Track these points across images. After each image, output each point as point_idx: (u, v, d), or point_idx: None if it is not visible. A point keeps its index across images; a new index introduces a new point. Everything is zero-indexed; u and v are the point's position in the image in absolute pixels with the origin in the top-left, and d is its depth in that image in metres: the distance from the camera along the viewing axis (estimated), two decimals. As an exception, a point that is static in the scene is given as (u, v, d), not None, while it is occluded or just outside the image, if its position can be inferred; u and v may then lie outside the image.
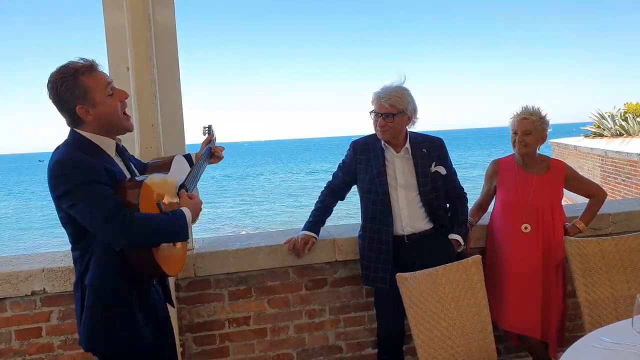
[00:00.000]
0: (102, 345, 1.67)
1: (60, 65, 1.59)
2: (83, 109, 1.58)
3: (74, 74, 1.56)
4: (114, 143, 1.71)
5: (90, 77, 1.58)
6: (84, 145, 1.60)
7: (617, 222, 2.86)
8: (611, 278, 2.23)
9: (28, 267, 2.32)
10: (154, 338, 1.75)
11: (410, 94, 2.35)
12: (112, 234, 1.51)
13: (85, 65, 1.58)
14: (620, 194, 8.68)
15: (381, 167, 2.36)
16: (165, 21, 2.42)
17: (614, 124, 13.45)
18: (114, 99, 1.63)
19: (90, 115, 1.59)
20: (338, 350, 2.69)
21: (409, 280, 1.93)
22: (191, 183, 1.93)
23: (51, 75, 1.58)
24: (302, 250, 2.48)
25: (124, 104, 1.67)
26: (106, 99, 1.60)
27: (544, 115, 2.50)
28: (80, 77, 1.56)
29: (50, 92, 1.59)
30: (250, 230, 18.12)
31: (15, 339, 2.32)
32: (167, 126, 2.41)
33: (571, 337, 2.88)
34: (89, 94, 1.57)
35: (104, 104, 1.60)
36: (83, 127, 1.62)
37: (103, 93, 1.60)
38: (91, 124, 1.61)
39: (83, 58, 1.61)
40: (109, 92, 1.61)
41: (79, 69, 1.57)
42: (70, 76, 1.56)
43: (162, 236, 1.62)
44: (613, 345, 1.57)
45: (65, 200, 1.53)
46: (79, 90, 1.56)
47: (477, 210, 2.73)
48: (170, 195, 1.79)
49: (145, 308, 1.73)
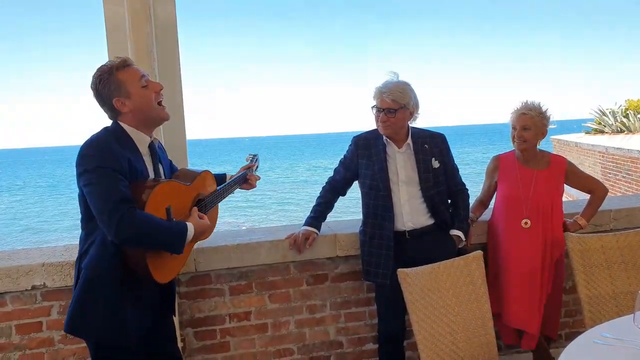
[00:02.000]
0: (80, 329, 1.71)
1: (99, 66, 1.74)
2: (119, 101, 1.70)
3: (109, 70, 1.70)
4: (149, 140, 1.78)
5: (124, 72, 1.71)
6: (119, 135, 1.71)
7: (618, 219, 2.85)
8: (612, 274, 2.23)
9: (28, 261, 2.31)
10: (149, 335, 1.77)
11: (412, 89, 2.34)
12: (108, 225, 1.55)
13: (119, 62, 1.72)
14: (621, 190, 8.68)
15: (383, 163, 2.36)
16: (166, 14, 2.41)
17: (615, 120, 13.44)
18: (148, 90, 1.73)
19: (126, 107, 1.71)
20: (339, 345, 2.70)
21: (410, 275, 1.93)
22: (212, 201, 1.95)
23: (92, 76, 1.73)
24: (303, 246, 2.48)
25: (158, 94, 1.77)
26: (140, 90, 1.72)
27: (544, 110, 2.49)
28: (115, 73, 1.70)
29: (93, 91, 1.73)
30: (251, 225, 18.14)
31: (15, 334, 2.32)
32: (168, 121, 2.40)
33: (571, 332, 2.89)
34: (124, 86, 1.70)
35: (138, 95, 1.71)
36: (122, 118, 1.74)
37: (137, 85, 1.71)
38: (128, 114, 1.72)
39: (118, 57, 1.76)
40: (143, 84, 1.73)
41: (114, 66, 1.70)
42: (106, 73, 1.70)
43: (154, 241, 1.62)
44: (614, 341, 1.57)
45: (82, 178, 1.62)
46: (114, 85, 1.69)
47: (478, 206, 2.73)
48: (184, 206, 1.79)
49: (138, 303, 1.73)
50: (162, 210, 1.65)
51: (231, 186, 2.11)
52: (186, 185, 1.84)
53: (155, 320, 1.85)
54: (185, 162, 2.49)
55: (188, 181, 1.87)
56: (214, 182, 2.05)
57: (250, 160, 2.33)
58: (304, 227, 2.51)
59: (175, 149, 2.44)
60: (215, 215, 2.06)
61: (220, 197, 2.03)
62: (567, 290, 2.83)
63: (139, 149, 1.74)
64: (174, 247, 1.65)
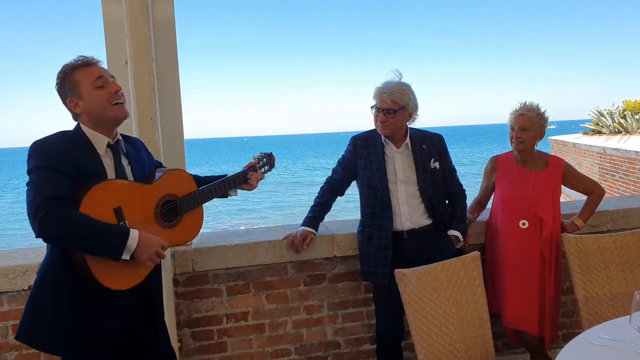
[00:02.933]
0: (28, 337, 1.65)
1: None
2: (72, 101, 1.68)
3: (66, 70, 1.68)
4: (106, 140, 1.70)
5: (80, 72, 1.67)
6: (76, 137, 1.67)
7: (615, 219, 2.86)
8: (609, 275, 2.23)
9: (25, 261, 2.31)
10: (121, 340, 1.70)
11: (411, 90, 2.34)
12: (33, 220, 1.49)
13: (78, 62, 1.68)
14: (618, 191, 8.71)
15: (381, 163, 2.36)
16: (165, 14, 2.41)
17: (612, 121, 13.48)
18: (102, 91, 1.67)
19: (79, 108, 1.68)
20: (336, 345, 2.69)
21: (407, 276, 1.93)
22: (187, 203, 1.80)
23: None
24: (300, 246, 2.48)
25: (114, 95, 1.69)
26: (92, 91, 1.67)
27: (542, 111, 2.50)
28: (72, 73, 1.67)
29: (56, 90, 1.70)
30: (248, 225, 18.13)
31: (12, 334, 2.31)
32: (166, 120, 2.40)
33: (568, 333, 2.90)
34: (77, 87, 1.66)
35: (90, 96, 1.67)
36: (80, 119, 1.70)
37: (90, 86, 1.67)
38: (83, 115, 1.69)
39: (82, 56, 1.71)
40: (98, 84, 1.67)
41: (72, 66, 1.68)
42: (64, 72, 1.68)
43: (82, 242, 1.51)
44: (611, 342, 1.58)
45: (28, 179, 1.58)
46: (69, 85, 1.67)
47: (476, 206, 2.73)
48: (144, 207, 1.68)
49: (99, 310, 1.63)
50: (106, 211, 1.56)
51: (219, 187, 1.93)
52: (145, 185, 1.73)
53: (135, 327, 1.77)
54: (183, 161, 2.48)
55: (148, 181, 1.76)
56: (191, 182, 1.88)
57: (258, 159, 2.14)
58: (301, 227, 2.51)
59: (173, 148, 2.44)
60: (197, 219, 1.88)
61: (201, 199, 1.86)
62: (564, 291, 2.84)
63: (96, 150, 1.67)
64: (107, 252, 1.53)
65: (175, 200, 1.80)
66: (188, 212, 1.83)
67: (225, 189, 1.98)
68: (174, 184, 1.81)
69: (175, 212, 1.80)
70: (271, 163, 2.20)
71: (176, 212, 1.80)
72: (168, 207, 1.78)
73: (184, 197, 1.82)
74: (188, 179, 1.89)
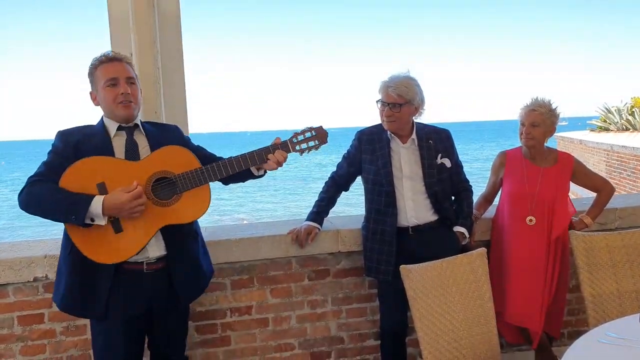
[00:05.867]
0: (59, 302, 1.88)
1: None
2: (92, 94, 1.89)
3: (94, 64, 1.85)
4: (116, 125, 1.86)
5: (102, 68, 1.83)
6: (97, 124, 1.89)
7: (623, 217, 2.83)
8: (617, 273, 2.21)
9: (30, 253, 2.31)
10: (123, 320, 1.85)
11: (418, 84, 2.32)
12: (19, 194, 1.75)
13: (102, 58, 1.85)
14: (626, 188, 8.63)
15: (387, 158, 2.34)
16: (169, 8, 2.40)
17: (620, 118, 13.35)
18: (110, 91, 1.81)
19: (96, 100, 1.89)
20: (340, 341, 2.69)
21: (412, 272, 1.91)
22: (186, 180, 1.77)
23: None
24: (305, 241, 2.47)
25: (120, 96, 1.82)
26: (103, 89, 1.82)
27: (553, 107, 2.46)
28: (95, 68, 1.84)
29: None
30: (252, 220, 18.17)
31: (17, 325, 2.32)
32: (170, 113, 2.39)
33: (574, 331, 2.88)
34: (96, 82, 1.85)
35: (101, 93, 1.84)
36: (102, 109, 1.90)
37: (103, 84, 1.82)
38: (100, 107, 1.89)
39: (111, 51, 1.91)
40: (109, 83, 1.81)
41: (99, 60, 1.85)
42: (92, 66, 1.86)
43: (44, 209, 1.72)
44: (619, 340, 1.56)
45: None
46: (92, 78, 1.86)
47: (483, 203, 2.71)
48: (129, 183, 1.70)
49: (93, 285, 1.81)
50: (89, 186, 1.71)
51: (225, 166, 1.81)
52: (133, 162, 1.77)
53: (151, 311, 1.92)
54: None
55: (136, 158, 1.81)
56: (191, 159, 1.81)
57: (295, 137, 1.89)
58: (306, 222, 2.50)
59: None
60: (201, 199, 1.80)
61: (203, 178, 1.78)
62: (571, 288, 2.82)
63: (108, 131, 1.85)
64: (66, 217, 1.69)
65: (171, 178, 1.77)
66: (189, 191, 1.78)
67: (233, 169, 1.84)
68: (168, 160, 1.78)
69: (174, 190, 1.77)
70: (316, 142, 1.90)
71: (174, 189, 1.77)
72: (163, 184, 1.76)
73: (183, 175, 1.78)
74: (187, 155, 1.82)
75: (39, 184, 1.72)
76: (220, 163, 1.82)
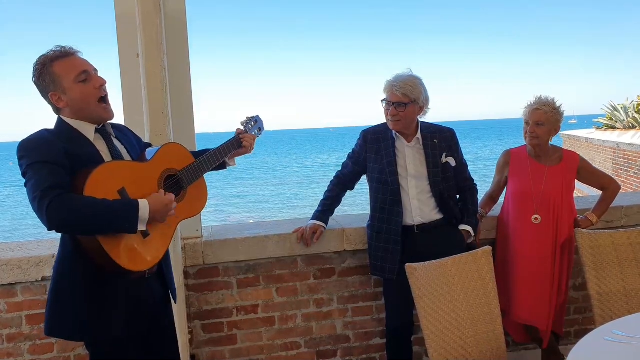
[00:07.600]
0: (56, 330, 1.66)
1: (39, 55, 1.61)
2: (55, 95, 1.60)
3: (45, 61, 1.59)
4: (93, 128, 1.66)
5: (60, 64, 1.59)
6: (62, 130, 1.62)
7: (629, 215, 2.82)
8: (623, 271, 2.21)
9: (38, 252, 2.33)
10: (135, 331, 1.70)
11: (422, 83, 2.32)
12: (40, 213, 1.46)
13: (56, 53, 1.59)
14: (632, 186, 8.58)
15: (392, 157, 2.34)
16: (176, 8, 2.41)
17: (626, 116, 13.24)
18: (86, 86, 1.61)
19: (62, 102, 1.61)
20: (346, 339, 2.70)
21: (418, 270, 1.91)
22: (189, 174, 1.78)
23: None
24: (310, 240, 2.48)
25: (99, 90, 1.63)
26: (76, 85, 1.59)
27: (558, 106, 2.46)
28: (50, 65, 1.58)
29: (34, 83, 1.62)
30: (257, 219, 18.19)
31: (26, 324, 2.35)
32: (177, 113, 2.40)
33: (581, 330, 2.87)
34: (59, 80, 1.58)
35: (74, 91, 1.59)
36: (62, 113, 1.64)
37: (73, 79, 1.59)
38: (67, 110, 1.62)
39: (59, 46, 1.62)
40: (81, 78, 1.60)
41: (49, 57, 1.59)
42: (41, 64, 1.59)
43: (94, 222, 1.48)
44: (626, 338, 1.55)
45: (25, 180, 1.53)
46: (49, 78, 1.58)
47: (488, 201, 2.71)
48: (147, 185, 1.65)
49: (115, 300, 1.63)
50: (111, 194, 1.53)
51: (216, 155, 1.90)
52: (143, 163, 1.70)
53: (157, 314, 1.80)
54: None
55: (143, 159, 1.75)
56: (186, 155, 1.84)
57: (245, 124, 2.13)
58: (311, 221, 2.51)
59: (184, 141, 2.43)
60: (201, 191, 1.87)
61: (202, 169, 1.84)
62: (577, 287, 2.81)
63: (85, 136, 1.63)
64: (122, 225, 1.51)
65: (177, 174, 1.78)
66: (191, 185, 1.81)
67: (222, 156, 1.94)
68: (171, 158, 1.78)
69: (180, 186, 1.78)
70: (260, 126, 2.20)
71: (180, 185, 1.78)
72: (171, 182, 1.76)
73: (185, 170, 1.79)
74: (184, 151, 1.86)
75: (68, 198, 1.47)
76: (210, 153, 1.90)
